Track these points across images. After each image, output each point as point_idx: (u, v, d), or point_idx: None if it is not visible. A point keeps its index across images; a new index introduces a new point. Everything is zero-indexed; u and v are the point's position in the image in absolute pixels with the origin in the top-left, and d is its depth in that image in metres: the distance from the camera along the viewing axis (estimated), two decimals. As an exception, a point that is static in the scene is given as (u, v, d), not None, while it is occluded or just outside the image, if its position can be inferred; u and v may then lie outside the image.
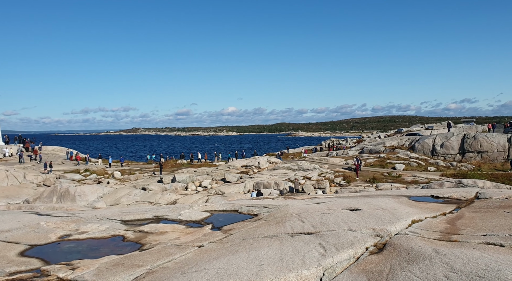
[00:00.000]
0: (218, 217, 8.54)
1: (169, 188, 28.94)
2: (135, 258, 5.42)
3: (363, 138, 71.49)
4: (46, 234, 7.11)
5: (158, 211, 9.35)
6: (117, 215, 8.79)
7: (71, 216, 8.93)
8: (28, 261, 5.58)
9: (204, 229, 7.28)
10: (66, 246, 6.49)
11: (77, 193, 26.75)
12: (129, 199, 26.23)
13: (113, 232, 7.26)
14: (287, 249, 4.95)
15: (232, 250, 5.29)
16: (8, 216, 8.96)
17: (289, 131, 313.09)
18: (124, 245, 6.49)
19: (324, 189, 25.46)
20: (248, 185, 27.87)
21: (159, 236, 6.93)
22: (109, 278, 4.60)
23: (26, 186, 32.26)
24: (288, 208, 8.17)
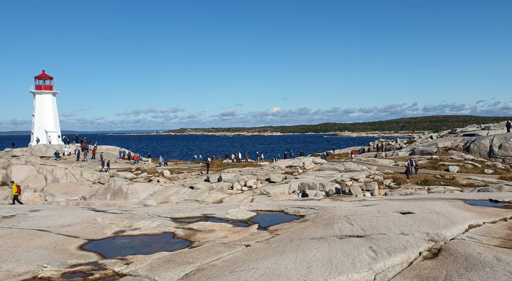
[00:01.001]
0: (264, 217, 8.57)
1: (215, 187, 29.49)
2: (185, 255, 5.56)
3: (413, 139, 68.75)
4: (102, 229, 7.49)
5: (206, 209, 9.55)
6: (168, 212, 9.08)
7: (125, 212, 9.34)
8: (86, 255, 5.91)
9: (251, 229, 7.33)
10: (120, 242, 6.79)
11: (129, 191, 27.97)
12: (177, 197, 27.03)
13: (164, 229, 7.51)
14: (336, 252, 4.87)
15: (279, 251, 5.29)
16: (68, 211, 9.54)
17: (335, 131, 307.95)
18: (174, 242, 6.69)
19: (372, 191, 24.78)
20: (293, 185, 27.75)
21: (207, 234, 7.08)
22: (161, 274, 4.76)
23: (82, 183, 34.23)
24: (336, 210, 8.03)
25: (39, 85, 51.98)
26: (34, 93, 51.96)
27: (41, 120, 51.75)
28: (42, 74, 52.41)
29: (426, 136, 66.76)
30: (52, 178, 34.38)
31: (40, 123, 51.71)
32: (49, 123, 52.05)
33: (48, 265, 5.33)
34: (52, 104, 52.41)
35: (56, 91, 52.99)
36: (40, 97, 51.75)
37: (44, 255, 5.81)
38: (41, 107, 51.70)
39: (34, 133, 51.90)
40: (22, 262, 5.45)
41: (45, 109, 51.89)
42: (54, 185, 33.10)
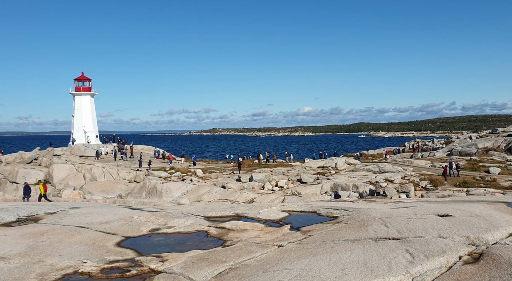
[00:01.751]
0: (296, 218, 8.52)
1: (246, 187, 29.63)
2: (219, 253, 5.62)
3: (451, 139, 66.30)
4: (138, 227, 7.69)
5: (238, 209, 9.61)
6: (201, 211, 9.21)
7: (160, 211, 9.55)
8: (123, 251, 6.09)
9: (283, 229, 7.31)
10: (155, 239, 6.95)
11: (164, 190, 28.59)
12: (210, 196, 27.37)
13: (197, 228, 7.62)
14: (371, 254, 4.77)
15: (312, 252, 5.24)
16: (106, 209, 9.87)
17: (369, 131, 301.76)
18: (207, 241, 6.78)
19: (408, 193, 24.11)
20: (325, 186, 27.44)
21: (240, 233, 7.12)
22: (195, 272, 4.83)
23: (119, 182, 35.33)
24: (370, 211, 7.87)
25: (78, 86, 54.11)
26: (73, 95, 54.13)
27: (80, 120, 53.86)
28: (81, 76, 54.53)
29: (465, 136, 64.18)
30: (90, 176, 35.71)
31: (79, 124, 53.82)
32: (88, 124, 54.09)
33: (88, 260, 5.54)
34: (90, 105, 54.43)
35: (94, 92, 54.99)
36: (79, 99, 53.86)
37: (84, 251, 6.04)
38: (80, 108, 53.82)
39: (73, 133, 54.08)
40: (64, 257, 5.69)
41: (84, 110, 53.96)
42: (92, 184, 34.36)
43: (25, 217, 8.69)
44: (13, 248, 6.08)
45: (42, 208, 9.61)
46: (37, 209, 9.42)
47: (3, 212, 8.86)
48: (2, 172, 36.80)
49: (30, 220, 8.39)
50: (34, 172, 35.83)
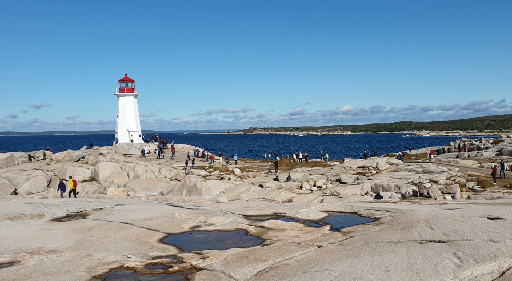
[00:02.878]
0: (336, 218, 8.39)
1: (284, 186, 29.55)
2: (258, 252, 5.64)
3: (501, 138, 62.75)
4: (180, 224, 7.87)
5: (276, 208, 9.60)
6: (240, 210, 9.29)
7: (200, 208, 9.72)
8: (166, 248, 6.25)
9: (323, 229, 7.22)
10: (196, 236, 7.08)
11: (203, 188, 29.11)
12: (248, 195, 27.55)
13: (236, 226, 7.69)
14: (415, 257, 4.60)
15: (354, 253, 5.14)
16: (149, 206, 10.18)
17: (411, 130, 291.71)
18: (247, 239, 6.82)
19: (453, 194, 23.09)
20: (365, 187, 26.84)
21: (279, 232, 7.11)
22: (235, 270, 4.87)
23: (161, 180, 36.36)
24: (414, 213, 7.60)
25: (122, 87, 56.21)
26: (118, 95, 56.29)
27: (124, 120, 55.94)
28: (125, 78, 56.60)
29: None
30: (133, 174, 37.00)
31: (123, 123, 55.91)
32: (131, 123, 56.08)
33: (132, 256, 5.73)
34: (133, 105, 56.38)
35: (137, 93, 56.92)
36: (123, 99, 55.94)
37: (128, 246, 6.25)
38: (124, 108, 55.89)
39: (118, 132, 56.26)
40: (110, 252, 5.92)
41: (127, 110, 55.99)
42: (135, 181, 35.59)
43: (74, 212, 9.13)
44: (64, 242, 6.41)
45: (89, 204, 10.06)
46: (85, 205, 9.88)
47: (54, 207, 9.36)
48: (52, 170, 38.93)
49: (78, 216, 8.81)
50: (81, 170, 37.63)
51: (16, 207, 9.33)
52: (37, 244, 6.33)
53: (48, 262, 5.38)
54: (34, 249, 5.99)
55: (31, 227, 7.64)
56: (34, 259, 5.51)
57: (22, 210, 8.95)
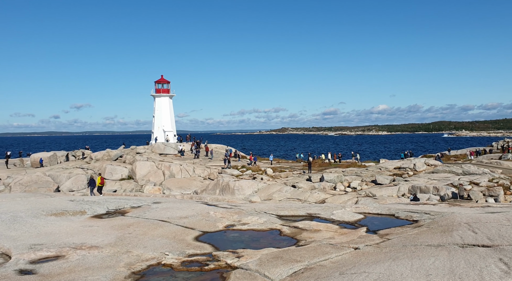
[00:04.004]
0: (372, 220, 8.22)
1: (317, 187, 29.25)
2: (293, 253, 5.61)
3: (549, 138, 59.20)
4: (214, 222, 7.96)
5: (310, 209, 9.52)
6: (273, 210, 9.28)
7: (234, 208, 9.80)
8: (201, 246, 6.34)
9: (359, 231, 7.09)
10: (231, 235, 7.14)
11: (236, 187, 29.33)
12: (280, 195, 27.50)
13: (270, 226, 7.69)
14: (458, 261, 4.42)
15: (392, 256, 5.01)
16: (184, 204, 10.37)
17: (450, 130, 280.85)
18: (281, 239, 6.80)
19: (496, 197, 22.03)
20: (402, 188, 26.12)
21: (313, 233, 7.04)
22: (270, 270, 4.87)
23: (195, 179, 36.97)
24: (455, 216, 7.31)
25: (158, 88, 57.60)
26: (154, 96, 57.73)
27: (160, 120, 57.32)
28: (160, 79, 57.97)
29: None
30: (169, 173, 37.84)
31: (159, 123, 57.30)
32: (167, 123, 57.37)
33: (169, 253, 5.86)
34: (169, 106, 57.66)
35: (172, 94, 58.15)
36: (159, 100, 57.32)
37: (166, 243, 6.39)
38: (160, 108, 57.26)
39: (154, 132, 57.69)
40: (148, 249, 6.07)
41: (163, 110, 57.33)
42: (170, 180, 36.38)
43: (113, 210, 9.44)
44: (104, 238, 6.64)
45: (128, 202, 10.37)
46: (123, 203, 10.20)
47: (95, 205, 9.72)
48: (92, 168, 40.45)
49: (117, 213, 9.10)
50: (119, 169, 38.88)
51: (59, 204, 9.76)
52: (79, 239, 6.60)
53: (90, 257, 5.60)
54: (77, 244, 6.25)
55: (74, 223, 7.98)
56: (77, 254, 5.75)
57: (65, 207, 9.36)
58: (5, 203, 10.35)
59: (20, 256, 5.65)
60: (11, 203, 10.09)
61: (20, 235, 6.95)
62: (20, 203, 10.00)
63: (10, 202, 10.61)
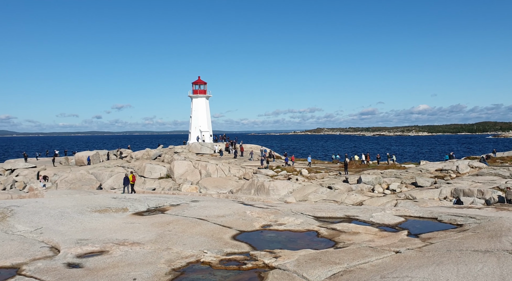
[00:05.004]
0: (413, 223, 7.96)
1: (354, 188, 28.70)
2: (331, 255, 5.54)
3: None
4: (251, 222, 8.00)
5: (348, 211, 9.35)
6: (310, 211, 9.20)
7: (270, 208, 9.80)
8: (239, 245, 6.39)
9: (400, 235, 6.89)
10: (267, 235, 7.14)
11: (271, 187, 29.34)
12: (316, 197, 27.22)
13: (307, 227, 7.63)
14: (508, 268, 4.20)
15: (435, 261, 4.83)
16: (221, 203, 10.50)
17: (496, 131, 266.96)
18: (318, 241, 6.73)
19: (548, 202, 20.70)
20: (444, 191, 25.13)
21: (352, 236, 6.91)
22: (309, 271, 4.83)
23: (230, 178, 37.35)
24: (503, 220, 6.95)
25: (195, 89, 58.71)
26: (191, 97, 58.88)
27: (196, 120, 58.40)
28: (198, 80, 59.06)
29: None
30: (205, 172, 38.44)
31: (196, 124, 58.39)
32: (203, 124, 58.37)
33: (208, 251, 5.94)
34: (205, 107, 58.62)
35: (209, 94, 59.09)
36: (196, 101, 58.40)
37: (204, 241, 6.50)
38: (197, 109, 58.35)
39: (191, 132, 58.83)
40: (187, 246, 6.19)
41: (200, 111, 58.38)
42: (207, 179, 36.95)
43: (153, 207, 9.71)
44: (145, 235, 6.84)
45: (167, 200, 10.63)
46: (163, 201, 10.46)
47: (136, 202, 10.04)
48: (132, 167, 41.80)
49: (157, 211, 9.35)
50: (158, 168, 39.93)
51: (103, 201, 10.16)
52: (122, 235, 6.83)
53: (132, 253, 5.78)
54: (120, 240, 6.48)
55: (117, 220, 8.27)
56: (120, 249, 5.96)
57: (108, 204, 9.73)
58: (53, 199, 10.91)
59: (67, 250, 5.93)
60: (58, 200, 10.62)
61: (68, 230, 7.29)
62: (66, 200, 10.50)
63: (58, 199, 11.17)
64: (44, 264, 5.33)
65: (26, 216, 8.08)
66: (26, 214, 8.27)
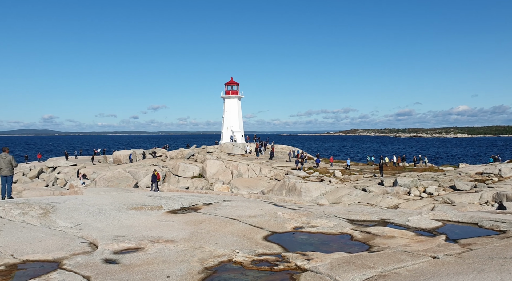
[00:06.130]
0: (452, 228, 7.66)
1: (390, 191, 28.01)
2: (365, 258, 5.42)
3: None
4: (283, 223, 7.97)
5: (383, 214, 9.13)
6: (343, 213, 9.05)
7: (302, 209, 9.72)
8: (270, 246, 6.37)
9: (437, 239, 6.64)
10: (299, 237, 7.09)
11: (303, 189, 29.14)
12: (349, 199, 26.78)
13: (340, 230, 7.50)
14: (557, 280, 3.95)
15: (476, 268, 4.62)
16: (253, 203, 10.52)
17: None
18: (352, 244, 6.60)
19: None
20: (485, 195, 24.07)
21: (387, 240, 6.74)
22: (342, 274, 4.74)
23: (261, 179, 37.41)
24: (551, 228, 6.55)
25: (227, 90, 59.32)
26: (224, 98, 59.53)
27: (229, 121, 58.97)
28: (230, 81, 59.63)
29: None
30: (236, 172, 38.73)
31: (228, 124, 58.98)
32: (235, 124, 58.85)
33: (239, 251, 5.97)
34: (237, 107, 59.08)
35: (241, 95, 59.52)
36: (228, 101, 58.99)
37: (235, 241, 6.53)
38: (229, 110, 58.93)
39: (223, 133, 59.47)
40: (220, 245, 6.25)
41: (232, 111, 58.91)
42: (238, 179, 37.21)
43: (187, 206, 9.87)
44: (179, 233, 6.97)
45: (200, 199, 10.78)
46: (196, 199, 10.62)
47: (170, 200, 10.24)
48: (167, 166, 42.76)
49: (191, 209, 9.50)
50: (191, 167, 40.63)
51: (139, 199, 10.44)
52: (157, 233, 6.99)
53: (166, 251, 5.90)
54: (154, 238, 6.63)
55: (151, 217, 8.48)
56: (155, 247, 6.10)
57: (144, 202, 9.98)
58: (92, 197, 11.33)
59: (105, 246, 6.13)
60: (97, 197, 11.01)
61: (105, 226, 7.54)
62: (104, 197, 10.87)
63: (96, 196, 11.58)
64: (83, 259, 5.54)
65: (67, 213, 8.43)
66: (66, 210, 8.63)
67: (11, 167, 12.93)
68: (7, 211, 8.36)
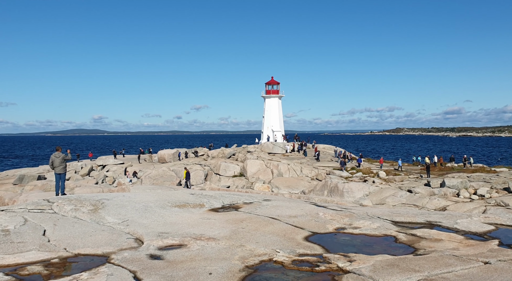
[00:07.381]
0: (506, 232, 7.22)
1: (437, 192, 26.86)
2: (410, 261, 5.24)
3: None
4: (324, 224, 7.86)
5: (430, 216, 8.77)
6: (387, 215, 8.79)
7: (344, 210, 9.55)
8: (311, 246, 6.31)
9: (489, 244, 6.29)
10: (341, 238, 6.96)
11: (345, 189, 28.60)
12: (394, 200, 25.97)
13: (384, 232, 7.30)
14: None
15: (533, 277, 4.32)
16: (293, 203, 10.47)
17: None
18: (396, 246, 6.40)
19: None
20: (543, 198, 22.46)
21: (434, 243, 6.47)
22: (386, 277, 4.61)
23: (302, 179, 37.12)
24: None
25: (268, 90, 59.41)
26: (264, 97, 59.68)
27: (269, 120, 59.06)
28: (271, 80, 59.68)
29: None
30: (277, 172, 38.70)
31: (268, 123, 59.09)
32: (275, 123, 58.85)
33: (280, 250, 5.96)
34: (278, 107, 59.04)
35: (281, 94, 59.40)
36: (269, 101, 59.07)
37: (276, 241, 6.53)
38: (269, 109, 58.99)
39: (263, 132, 59.65)
40: (260, 244, 6.28)
41: (272, 111, 58.93)
42: (278, 179, 37.16)
43: (228, 204, 10.00)
44: (220, 231, 7.07)
45: (240, 198, 10.88)
46: (237, 198, 10.73)
47: (212, 199, 10.43)
48: (209, 165, 43.55)
49: (231, 208, 9.61)
50: (232, 166, 41.11)
51: (182, 197, 10.71)
52: (199, 230, 7.14)
53: (208, 248, 6.01)
54: (197, 235, 6.77)
55: (194, 215, 8.67)
56: (197, 244, 6.23)
57: (187, 200, 10.23)
58: (138, 194, 11.77)
59: (150, 242, 6.35)
60: (142, 195, 11.42)
61: (150, 223, 7.80)
62: (149, 195, 11.25)
63: (142, 194, 12.02)
64: (130, 254, 5.76)
65: (115, 209, 8.81)
66: (114, 207, 9.02)
67: (65, 165, 13.79)
68: (61, 207, 8.88)
